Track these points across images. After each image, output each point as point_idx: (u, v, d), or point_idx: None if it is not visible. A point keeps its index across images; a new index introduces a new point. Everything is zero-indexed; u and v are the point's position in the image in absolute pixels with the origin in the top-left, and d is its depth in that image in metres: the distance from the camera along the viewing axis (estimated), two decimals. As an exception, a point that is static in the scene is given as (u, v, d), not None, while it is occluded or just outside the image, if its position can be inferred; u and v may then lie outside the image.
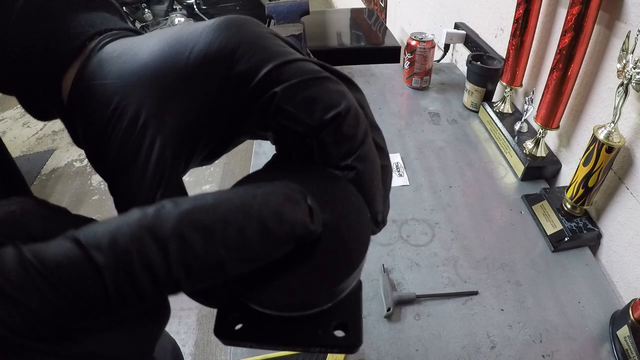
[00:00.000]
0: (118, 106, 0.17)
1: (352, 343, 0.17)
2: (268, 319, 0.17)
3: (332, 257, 0.16)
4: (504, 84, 0.83)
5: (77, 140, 0.20)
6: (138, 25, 3.28)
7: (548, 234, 0.65)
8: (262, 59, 0.17)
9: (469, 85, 0.94)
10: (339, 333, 0.17)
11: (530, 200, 0.71)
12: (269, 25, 1.23)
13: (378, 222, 0.19)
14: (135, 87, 0.17)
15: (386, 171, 0.19)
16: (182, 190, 0.18)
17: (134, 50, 0.18)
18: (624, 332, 0.50)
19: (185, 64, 0.17)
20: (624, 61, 0.52)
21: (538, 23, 0.75)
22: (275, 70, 0.17)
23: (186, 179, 0.50)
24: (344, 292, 0.16)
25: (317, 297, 0.15)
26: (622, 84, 0.53)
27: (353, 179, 0.18)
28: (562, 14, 0.70)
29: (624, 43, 0.52)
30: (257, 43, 0.17)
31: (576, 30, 0.59)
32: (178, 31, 0.18)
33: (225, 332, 0.17)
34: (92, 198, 1.96)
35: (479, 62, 0.91)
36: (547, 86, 0.66)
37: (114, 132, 0.17)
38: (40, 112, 0.22)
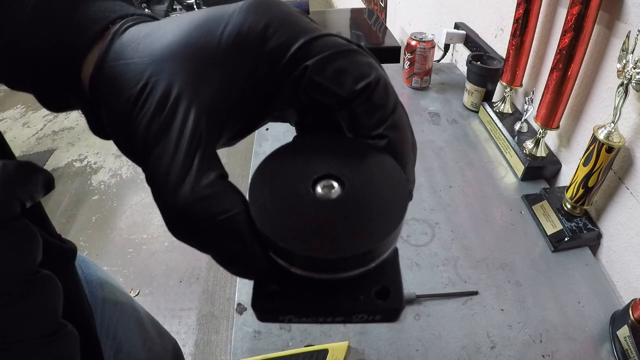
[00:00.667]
0: (148, 81, 0.17)
1: (394, 307, 0.17)
2: (307, 288, 0.16)
3: (373, 216, 0.16)
4: (504, 84, 0.83)
5: (98, 128, 0.20)
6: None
7: (548, 234, 0.65)
8: (293, 35, 0.17)
9: (469, 85, 0.94)
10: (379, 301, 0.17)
11: (530, 200, 0.71)
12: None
13: (409, 191, 0.19)
14: (166, 63, 0.17)
15: (413, 144, 0.20)
16: (217, 160, 0.17)
17: (161, 30, 0.18)
18: (624, 332, 0.50)
19: (218, 41, 0.17)
20: (624, 61, 0.52)
21: (538, 23, 0.75)
22: (306, 45, 0.17)
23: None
24: (384, 253, 0.16)
25: (359, 255, 0.15)
26: (622, 84, 0.53)
27: (385, 147, 0.18)
28: (562, 14, 0.70)
29: (624, 43, 0.52)
30: (287, 20, 0.18)
31: (576, 30, 0.59)
32: (207, 12, 0.18)
33: (263, 305, 0.17)
34: (92, 198, 1.95)
35: (479, 62, 0.91)
36: (547, 86, 0.66)
37: (145, 106, 0.17)
38: (59, 103, 0.21)
